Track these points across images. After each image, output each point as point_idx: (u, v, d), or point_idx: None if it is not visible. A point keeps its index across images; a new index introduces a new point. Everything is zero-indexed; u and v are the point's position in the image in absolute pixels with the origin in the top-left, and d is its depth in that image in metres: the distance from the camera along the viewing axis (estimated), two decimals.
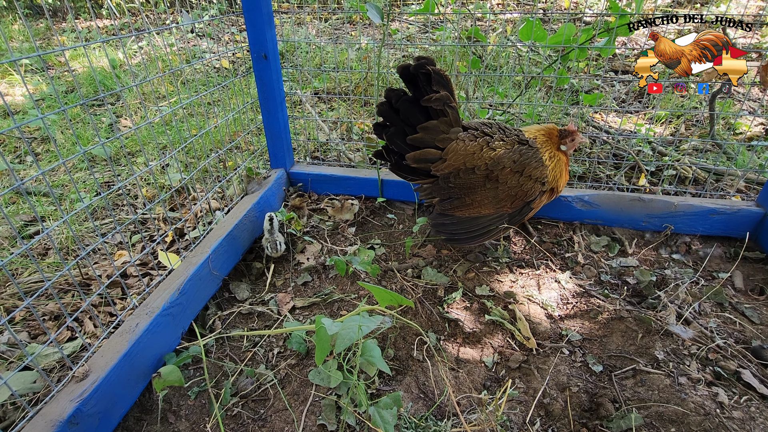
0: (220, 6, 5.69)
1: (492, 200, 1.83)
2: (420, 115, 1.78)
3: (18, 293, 1.91)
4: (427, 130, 1.77)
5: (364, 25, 5.27)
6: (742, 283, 1.93)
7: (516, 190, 1.81)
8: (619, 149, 2.80)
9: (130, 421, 1.42)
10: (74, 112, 3.65)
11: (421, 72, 1.69)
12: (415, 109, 1.77)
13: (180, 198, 2.62)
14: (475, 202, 1.84)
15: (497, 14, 4.45)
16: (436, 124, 1.76)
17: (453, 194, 1.85)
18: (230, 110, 2.30)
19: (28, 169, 2.92)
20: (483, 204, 1.84)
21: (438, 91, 1.69)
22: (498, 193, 1.81)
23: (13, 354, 1.65)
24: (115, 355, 1.36)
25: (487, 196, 1.83)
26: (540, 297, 1.87)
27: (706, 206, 2.12)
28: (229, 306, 1.87)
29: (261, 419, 1.42)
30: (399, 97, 1.76)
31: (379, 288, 1.37)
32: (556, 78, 2.35)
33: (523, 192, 1.82)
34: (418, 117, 1.78)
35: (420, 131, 1.78)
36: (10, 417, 1.43)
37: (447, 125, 1.78)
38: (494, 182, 1.80)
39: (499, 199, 1.83)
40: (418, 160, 1.81)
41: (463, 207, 1.87)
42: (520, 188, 1.81)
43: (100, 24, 6.13)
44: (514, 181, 1.79)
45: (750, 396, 1.41)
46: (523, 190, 1.81)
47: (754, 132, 3.12)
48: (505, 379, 1.53)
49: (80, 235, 2.33)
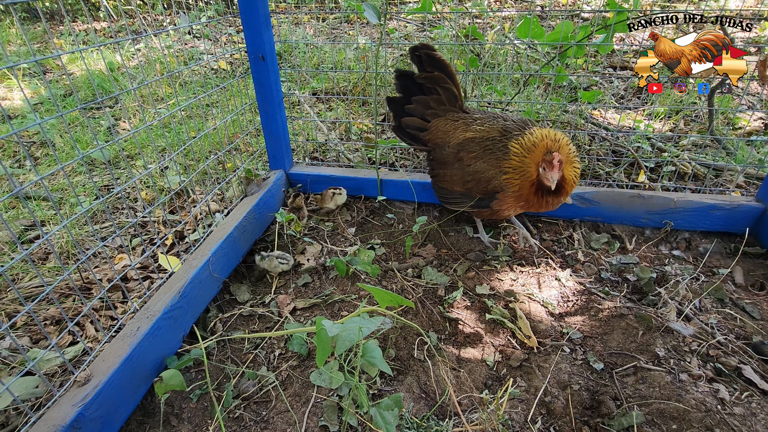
0: (217, 7, 5.69)
1: (459, 180, 1.98)
2: (417, 91, 2.04)
3: (19, 298, 1.91)
4: (418, 103, 2.03)
5: (362, 24, 5.26)
6: (742, 279, 1.93)
7: (479, 175, 1.91)
8: (618, 146, 2.80)
9: (132, 424, 1.42)
10: (72, 115, 3.64)
11: (417, 54, 1.95)
12: (413, 85, 2.03)
13: (179, 201, 2.63)
14: (446, 176, 2.02)
15: (495, 12, 4.45)
16: (425, 99, 2.01)
17: (434, 166, 2.08)
18: (229, 112, 2.30)
19: (27, 174, 2.92)
20: (453, 181, 2.01)
21: (432, 72, 1.93)
22: (464, 174, 1.95)
23: (15, 359, 1.65)
24: (116, 359, 1.36)
25: (456, 174, 1.99)
26: (540, 295, 1.87)
27: (705, 202, 2.12)
28: (229, 308, 1.87)
29: (263, 421, 1.42)
30: (403, 74, 2.06)
31: (379, 289, 1.37)
32: (555, 75, 2.35)
33: (486, 179, 1.89)
34: (415, 92, 2.05)
35: (413, 102, 2.05)
36: (13, 422, 1.43)
37: (437, 103, 2.00)
38: (461, 162, 1.95)
39: (465, 180, 1.96)
40: (408, 125, 2.08)
41: (440, 180, 2.07)
42: (483, 174, 1.90)
43: (98, 27, 6.12)
44: (477, 165, 1.91)
45: (751, 392, 1.41)
46: (485, 177, 1.89)
47: (753, 127, 3.11)
48: (507, 378, 1.53)
49: (80, 239, 2.33)
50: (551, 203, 1.83)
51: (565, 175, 1.76)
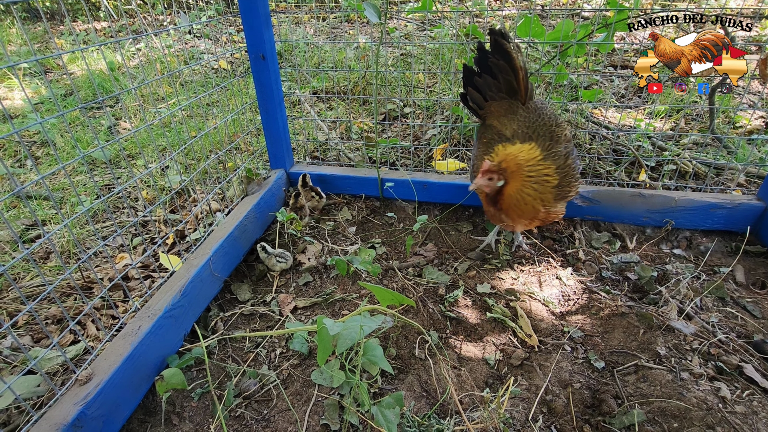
0: (217, 7, 5.69)
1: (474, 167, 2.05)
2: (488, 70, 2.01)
3: (20, 297, 1.92)
4: (484, 81, 2.03)
5: (362, 23, 5.26)
6: (743, 278, 1.93)
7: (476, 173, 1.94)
8: (619, 145, 2.80)
9: (133, 423, 1.42)
10: (73, 115, 3.64)
11: (491, 38, 1.93)
12: (486, 62, 2.00)
13: (180, 200, 2.63)
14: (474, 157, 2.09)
15: (495, 11, 4.44)
16: (490, 81, 2.00)
17: (479, 138, 2.09)
18: (229, 111, 2.30)
19: (28, 173, 2.92)
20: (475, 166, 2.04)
21: (498, 60, 1.92)
22: (473, 166, 2.07)
23: (17, 358, 1.66)
24: (117, 358, 1.36)
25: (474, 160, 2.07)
26: (541, 294, 1.87)
27: (706, 201, 2.12)
28: (230, 307, 1.87)
29: (264, 420, 1.42)
30: (482, 48, 2.01)
31: (380, 287, 1.37)
32: (555, 74, 2.35)
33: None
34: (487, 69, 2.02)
35: (480, 77, 2.03)
36: (15, 421, 1.43)
37: (497, 89, 2.01)
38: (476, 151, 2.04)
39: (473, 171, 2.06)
40: (472, 98, 2.09)
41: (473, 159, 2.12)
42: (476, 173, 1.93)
43: (98, 26, 6.12)
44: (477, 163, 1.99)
45: (752, 390, 1.41)
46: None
47: (754, 125, 3.11)
48: (508, 376, 1.53)
49: (81, 238, 2.33)
50: (498, 216, 1.84)
51: (506, 190, 1.72)
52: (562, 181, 1.74)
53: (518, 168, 1.70)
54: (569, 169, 1.78)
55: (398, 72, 3.73)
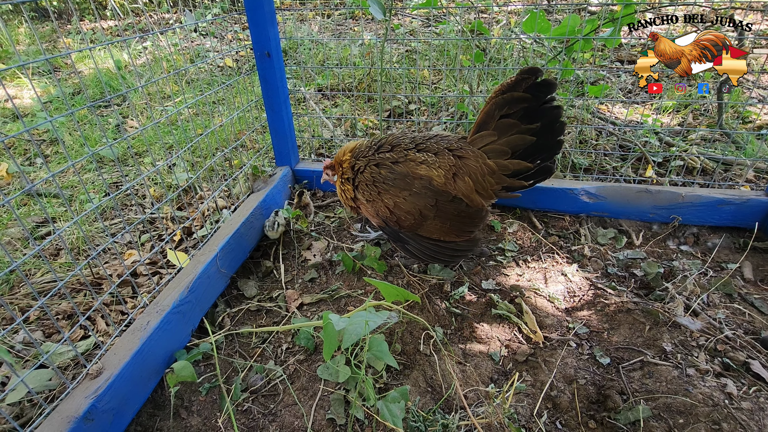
0: (222, 5, 5.70)
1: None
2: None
3: (32, 293, 1.95)
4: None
5: (367, 20, 5.25)
6: (751, 274, 1.92)
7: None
8: (626, 140, 2.78)
9: (143, 416, 1.45)
10: (81, 113, 3.68)
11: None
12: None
13: (187, 197, 2.65)
14: None
15: (500, 6, 4.42)
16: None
17: None
18: (235, 109, 2.31)
19: (38, 171, 2.96)
20: None
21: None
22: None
23: (29, 352, 1.69)
24: (127, 352, 1.38)
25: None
26: (546, 290, 1.87)
27: (714, 196, 2.10)
28: (237, 303, 1.89)
29: (271, 414, 1.44)
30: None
31: (385, 284, 1.38)
32: (561, 70, 2.33)
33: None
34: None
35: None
36: (28, 414, 1.46)
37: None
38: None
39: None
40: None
41: None
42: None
43: (105, 25, 6.16)
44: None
45: (759, 387, 1.41)
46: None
47: (763, 120, 3.07)
48: (512, 372, 1.54)
49: (90, 235, 2.37)
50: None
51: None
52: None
53: (343, 162, 1.85)
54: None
55: (403, 69, 3.72)
